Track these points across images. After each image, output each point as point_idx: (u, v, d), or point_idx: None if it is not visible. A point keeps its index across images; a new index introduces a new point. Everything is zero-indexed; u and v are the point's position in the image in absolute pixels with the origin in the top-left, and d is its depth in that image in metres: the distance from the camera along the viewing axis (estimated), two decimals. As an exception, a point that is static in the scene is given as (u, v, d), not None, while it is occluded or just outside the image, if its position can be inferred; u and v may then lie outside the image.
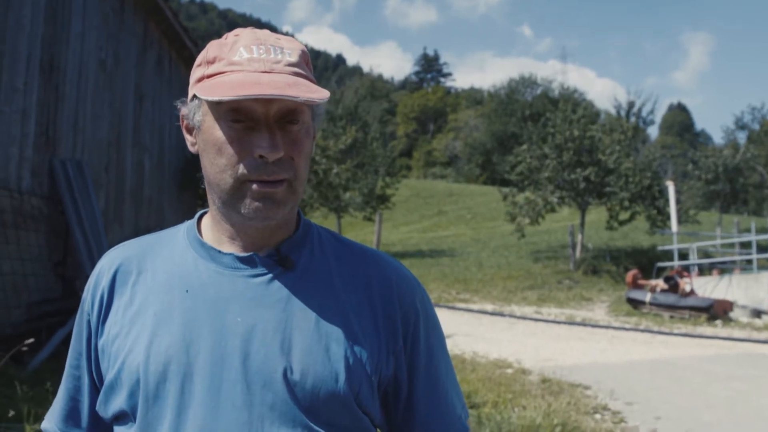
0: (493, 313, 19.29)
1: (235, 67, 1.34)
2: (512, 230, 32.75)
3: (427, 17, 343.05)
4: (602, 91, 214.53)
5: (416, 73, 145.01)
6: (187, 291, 1.39)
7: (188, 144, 1.46)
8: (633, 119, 65.77)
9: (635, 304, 20.46)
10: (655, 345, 13.96)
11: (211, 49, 1.39)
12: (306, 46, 1.43)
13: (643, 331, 16.07)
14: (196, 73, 1.41)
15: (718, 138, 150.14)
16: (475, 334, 14.83)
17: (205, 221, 1.50)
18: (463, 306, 21.09)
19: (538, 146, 31.92)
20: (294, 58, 1.37)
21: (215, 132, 1.34)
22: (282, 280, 1.39)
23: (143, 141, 13.18)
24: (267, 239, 1.42)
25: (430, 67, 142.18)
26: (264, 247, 1.42)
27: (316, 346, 1.33)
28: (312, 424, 1.31)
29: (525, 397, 8.62)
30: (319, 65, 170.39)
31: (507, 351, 12.47)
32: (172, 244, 1.49)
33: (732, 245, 29.11)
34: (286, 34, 1.49)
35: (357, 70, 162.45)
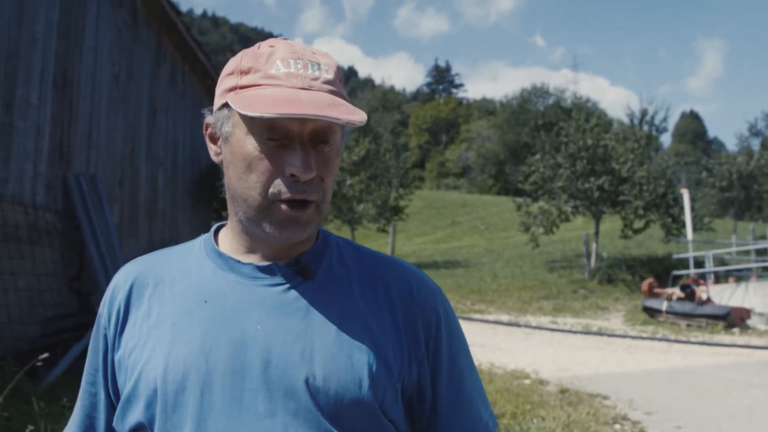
0: (508, 324, 19.22)
1: (272, 80, 1.32)
2: (526, 240, 32.67)
3: (438, 27, 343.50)
4: (616, 100, 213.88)
5: (428, 85, 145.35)
6: (205, 301, 1.38)
7: (212, 153, 1.44)
8: (646, 127, 65.59)
9: (651, 312, 20.35)
10: (672, 354, 13.87)
11: (245, 58, 1.37)
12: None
13: (660, 339, 15.98)
14: (227, 81, 1.38)
15: (731, 145, 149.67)
16: (491, 344, 14.77)
17: (223, 233, 1.49)
18: (478, 317, 21.02)
19: (552, 156, 31.86)
20: (330, 75, 1.36)
21: (245, 146, 1.33)
22: (302, 289, 1.38)
23: (157, 155, 13.20)
24: (288, 251, 1.42)
25: (442, 78, 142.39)
26: (284, 258, 1.41)
27: (338, 353, 1.32)
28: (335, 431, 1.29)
29: (544, 408, 8.57)
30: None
31: (524, 361, 12.41)
32: (188, 256, 1.48)
33: (747, 252, 28.95)
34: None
35: (369, 82, 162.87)
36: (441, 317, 1.46)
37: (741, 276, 25.12)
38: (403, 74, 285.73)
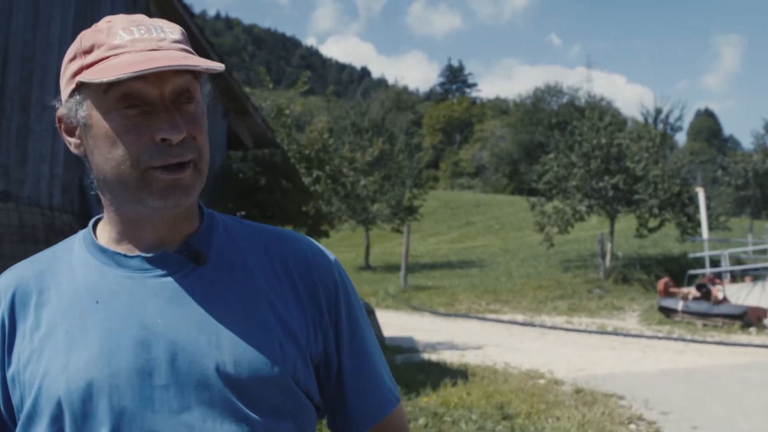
0: (523, 324, 19.20)
1: (118, 50, 1.25)
2: (541, 240, 32.62)
3: (451, 24, 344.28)
4: (632, 97, 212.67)
5: (441, 85, 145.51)
6: (97, 302, 1.30)
7: (71, 147, 1.38)
8: (660, 126, 65.31)
9: (667, 312, 20.27)
10: (688, 353, 13.82)
11: (85, 38, 1.30)
12: (330, 59, 1.37)
13: (676, 339, 15.92)
14: (70, 67, 1.30)
15: (747, 143, 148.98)
16: (506, 344, 14.76)
17: (102, 227, 1.40)
18: (493, 317, 21.01)
19: (566, 155, 31.77)
20: (177, 36, 1.32)
21: (107, 125, 1.25)
22: (197, 275, 1.32)
23: (171, 156, 13.23)
24: (173, 234, 1.35)
25: (455, 77, 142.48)
26: (170, 243, 1.35)
27: (244, 336, 1.28)
28: (254, 414, 1.26)
29: (558, 408, 8.54)
30: (344, 78, 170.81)
31: (539, 361, 12.38)
32: (69, 257, 1.39)
33: (764, 251, 28.79)
34: (311, 47, 1.44)
35: (382, 82, 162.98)
36: (338, 284, 1.43)
37: (757, 275, 24.97)
38: (417, 72, 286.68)
